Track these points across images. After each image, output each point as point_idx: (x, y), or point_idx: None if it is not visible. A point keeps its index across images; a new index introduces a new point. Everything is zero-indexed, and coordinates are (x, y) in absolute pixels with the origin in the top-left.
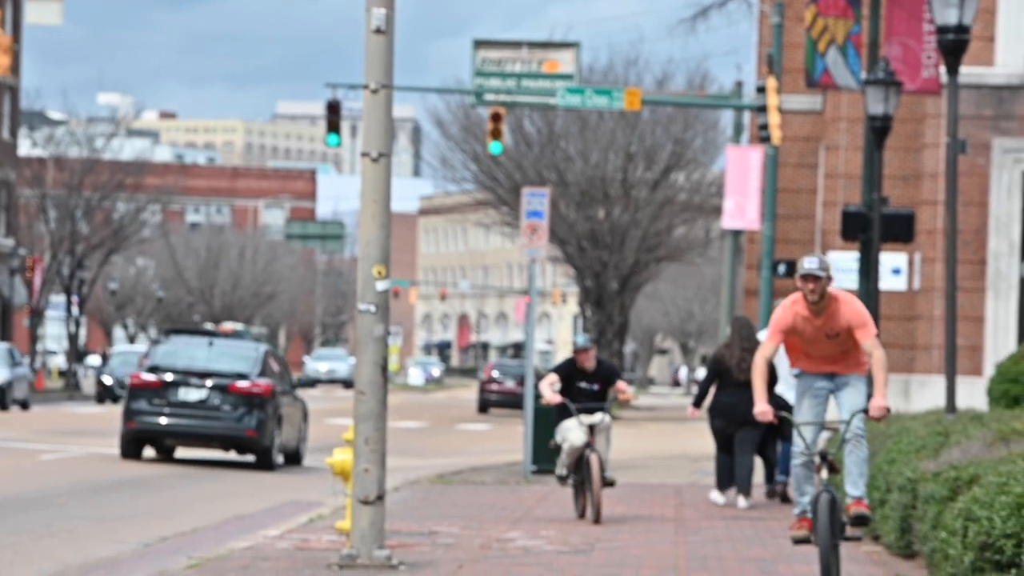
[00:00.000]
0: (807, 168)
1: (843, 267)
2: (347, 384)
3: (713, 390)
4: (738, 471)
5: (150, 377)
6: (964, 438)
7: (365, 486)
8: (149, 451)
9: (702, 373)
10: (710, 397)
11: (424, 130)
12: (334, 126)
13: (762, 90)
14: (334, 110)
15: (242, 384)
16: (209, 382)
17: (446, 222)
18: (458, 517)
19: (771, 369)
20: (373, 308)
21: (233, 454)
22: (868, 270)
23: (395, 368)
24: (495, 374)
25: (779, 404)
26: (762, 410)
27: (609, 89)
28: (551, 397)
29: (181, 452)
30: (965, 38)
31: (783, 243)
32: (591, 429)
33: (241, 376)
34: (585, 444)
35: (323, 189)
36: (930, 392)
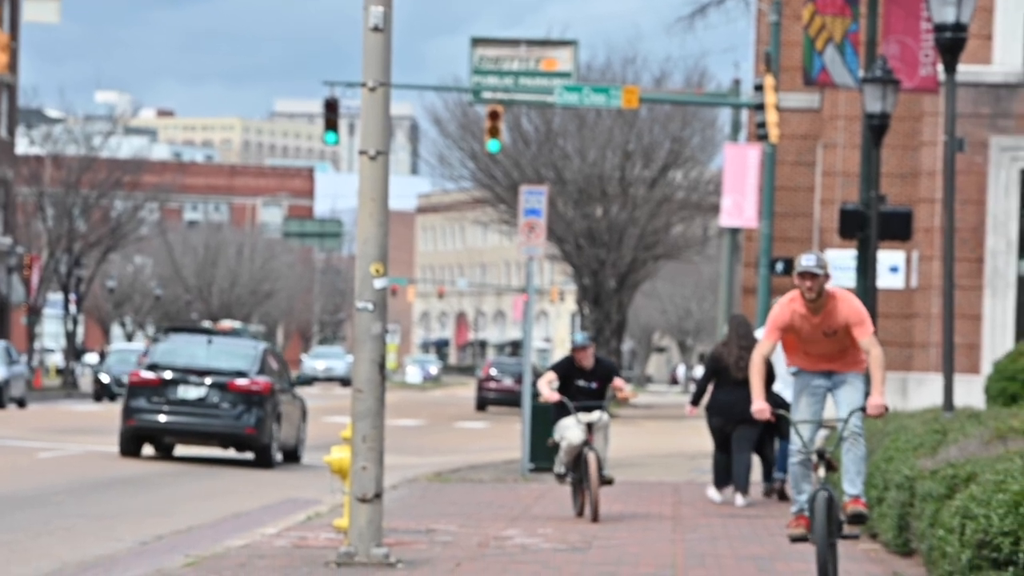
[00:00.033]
0: (805, 166)
1: (841, 265)
2: (345, 382)
3: (711, 388)
4: (736, 469)
5: (149, 375)
6: (962, 436)
7: (363, 484)
8: (148, 449)
9: (700, 371)
10: (708, 395)
11: (422, 128)
12: (332, 124)
13: (760, 88)
14: (332, 108)
15: (241, 382)
16: (208, 380)
17: (444, 220)
18: (456, 515)
19: (769, 367)
20: (371, 306)
21: (232, 452)
22: (866, 268)
23: (393, 366)
24: (493, 372)
25: (777, 402)
26: (760, 408)
27: (607, 87)
28: (549, 395)
29: (180, 450)
30: (963, 36)
31: (781, 241)
32: (589, 427)
33: (240, 374)
34: (583, 442)
35: (321, 187)
36: (928, 390)
